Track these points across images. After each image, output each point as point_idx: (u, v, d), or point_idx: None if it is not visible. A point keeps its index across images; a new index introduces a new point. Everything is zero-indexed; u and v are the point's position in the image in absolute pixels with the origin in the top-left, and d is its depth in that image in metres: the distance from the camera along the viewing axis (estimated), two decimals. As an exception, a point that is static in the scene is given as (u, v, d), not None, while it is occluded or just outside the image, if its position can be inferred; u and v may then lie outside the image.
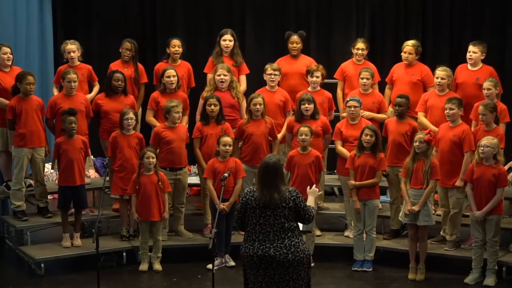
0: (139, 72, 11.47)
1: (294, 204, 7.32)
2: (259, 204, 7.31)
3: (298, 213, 7.36)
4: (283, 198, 7.28)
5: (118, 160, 10.51)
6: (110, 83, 10.90)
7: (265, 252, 7.25)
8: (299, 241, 7.35)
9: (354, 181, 10.12)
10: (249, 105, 10.65)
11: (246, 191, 7.49)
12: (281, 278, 7.30)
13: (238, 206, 7.54)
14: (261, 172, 7.44)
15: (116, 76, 10.90)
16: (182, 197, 10.74)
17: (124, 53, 11.41)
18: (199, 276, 9.99)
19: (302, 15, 14.00)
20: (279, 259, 7.23)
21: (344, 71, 11.59)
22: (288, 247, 7.26)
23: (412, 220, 9.79)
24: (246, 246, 7.37)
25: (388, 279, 9.99)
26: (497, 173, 9.45)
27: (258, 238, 7.31)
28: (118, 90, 10.92)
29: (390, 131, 10.54)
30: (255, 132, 10.62)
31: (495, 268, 9.66)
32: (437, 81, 10.68)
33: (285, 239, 7.28)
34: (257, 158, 10.52)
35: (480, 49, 10.94)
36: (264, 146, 10.65)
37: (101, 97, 11.01)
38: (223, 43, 11.45)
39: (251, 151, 10.66)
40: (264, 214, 7.30)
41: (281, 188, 7.33)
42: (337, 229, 11.28)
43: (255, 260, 7.30)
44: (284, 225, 7.29)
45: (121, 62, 11.46)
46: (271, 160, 7.48)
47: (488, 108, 9.98)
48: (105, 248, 10.15)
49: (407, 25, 13.75)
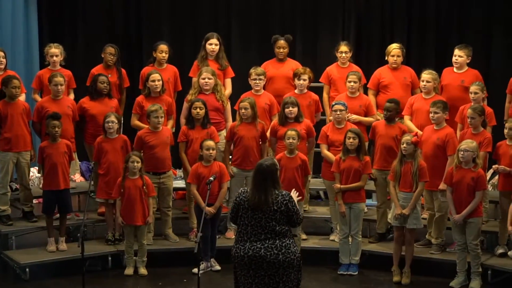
0: (122, 76, 11.44)
1: (287, 208, 7.35)
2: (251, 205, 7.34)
3: (290, 217, 7.39)
4: (272, 201, 7.30)
5: (103, 164, 10.48)
6: (95, 86, 10.87)
7: (256, 252, 7.28)
8: (290, 243, 7.38)
9: (339, 185, 10.12)
10: (239, 108, 10.66)
11: (240, 191, 7.54)
12: (271, 279, 7.33)
13: (232, 205, 7.59)
14: (255, 174, 7.47)
15: (101, 79, 10.88)
16: (168, 201, 10.72)
17: (108, 58, 11.38)
18: (184, 280, 9.97)
19: (288, 19, 14.01)
20: (270, 259, 7.26)
21: (330, 75, 11.59)
22: (279, 248, 7.29)
23: (401, 223, 9.80)
24: (237, 247, 7.40)
25: (373, 283, 10.00)
26: (475, 176, 9.46)
27: (249, 239, 7.34)
28: (104, 93, 10.90)
29: (379, 135, 10.53)
30: (246, 135, 10.61)
31: (479, 271, 9.67)
32: (423, 84, 10.70)
33: (276, 240, 7.31)
34: (248, 161, 10.54)
35: (466, 52, 10.98)
36: (255, 149, 10.65)
37: (86, 101, 10.97)
38: (209, 47, 11.44)
39: (242, 154, 10.65)
40: (256, 216, 7.34)
41: (271, 192, 7.35)
42: (322, 232, 11.28)
43: (246, 261, 7.32)
44: (275, 228, 7.32)
45: (102, 67, 11.43)
46: (265, 163, 7.51)
47: (476, 111, 10.00)
48: (91, 252, 10.13)
49: (393, 29, 13.77)
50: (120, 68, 11.48)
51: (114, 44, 11.64)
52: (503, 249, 10.14)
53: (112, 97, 11.04)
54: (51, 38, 13.01)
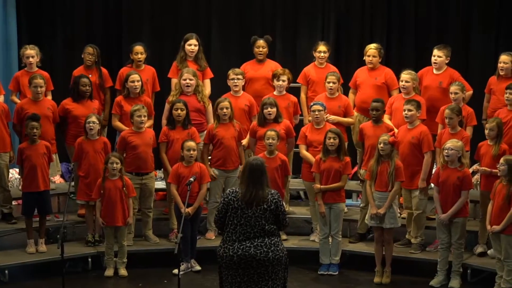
0: (103, 76, 11.41)
1: (276, 207, 7.44)
2: (242, 203, 7.37)
3: (277, 216, 7.47)
4: (266, 197, 7.37)
5: (84, 165, 10.46)
6: (77, 88, 10.84)
7: (246, 251, 7.33)
8: (278, 240, 7.47)
9: (319, 185, 10.13)
10: (217, 109, 10.64)
11: (228, 192, 7.55)
12: (260, 277, 7.38)
13: (219, 207, 7.57)
14: (248, 171, 7.51)
15: (83, 81, 10.84)
16: (149, 202, 10.71)
17: (87, 58, 11.35)
18: (165, 281, 9.96)
19: (267, 19, 13.99)
20: (260, 257, 7.32)
21: (307, 75, 11.59)
22: (268, 245, 7.36)
23: (378, 223, 9.83)
24: (225, 247, 7.42)
25: (354, 283, 10.03)
26: (461, 176, 9.52)
27: (238, 239, 7.37)
28: (86, 95, 10.87)
29: (367, 136, 10.53)
30: (226, 136, 10.61)
31: (460, 270, 9.73)
32: (402, 85, 10.73)
33: (265, 238, 7.38)
34: (230, 162, 10.57)
35: (445, 53, 11.02)
36: (235, 149, 10.66)
37: (69, 102, 10.92)
38: (188, 47, 11.43)
39: (223, 155, 10.66)
40: (246, 215, 7.37)
41: (265, 187, 7.44)
42: (303, 233, 11.29)
43: (235, 260, 7.35)
44: (264, 227, 7.39)
45: (83, 68, 11.39)
46: (256, 161, 7.60)
47: (454, 111, 10.05)
48: (70, 254, 10.11)
49: (372, 29, 13.79)
50: (101, 67, 11.44)
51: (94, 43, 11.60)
52: (483, 248, 10.19)
53: (94, 99, 11.01)
54: (30, 39, 12.92)
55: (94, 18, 14.03)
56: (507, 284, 9.21)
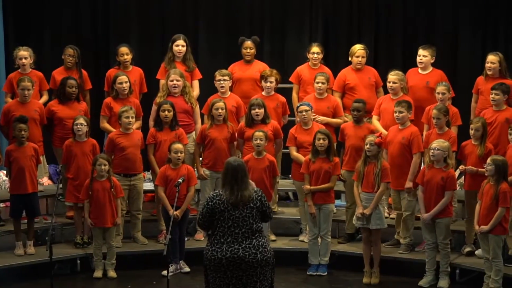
0: (83, 78, 11.38)
1: (261, 204, 7.48)
2: (228, 205, 7.38)
3: (263, 213, 7.51)
4: (251, 196, 7.40)
5: (73, 167, 10.44)
6: (64, 90, 10.83)
7: (234, 253, 7.34)
8: (265, 241, 7.49)
9: (309, 186, 10.14)
10: (211, 110, 10.62)
11: (212, 195, 7.55)
12: (248, 279, 7.40)
13: (203, 209, 7.56)
14: (229, 173, 7.53)
15: (70, 82, 10.83)
16: (137, 204, 10.69)
17: (67, 59, 11.33)
18: (154, 282, 9.94)
19: (255, 20, 14.00)
20: (248, 259, 7.34)
21: (300, 75, 11.60)
22: (256, 247, 7.38)
23: (364, 224, 9.84)
24: (213, 249, 7.42)
25: (343, 283, 10.03)
26: (445, 176, 9.54)
27: (226, 241, 7.38)
28: (72, 97, 10.86)
29: (348, 136, 10.56)
30: (218, 137, 10.60)
31: (448, 270, 9.75)
32: (389, 85, 10.75)
33: (253, 239, 7.40)
34: (220, 163, 10.50)
35: (430, 52, 11.06)
36: (226, 151, 10.64)
37: (55, 104, 10.92)
38: (175, 48, 11.42)
39: (214, 156, 10.65)
40: (233, 217, 7.39)
41: (249, 187, 7.47)
42: (292, 233, 11.29)
43: (224, 263, 7.36)
44: (252, 226, 7.41)
45: (64, 69, 11.37)
46: (237, 161, 7.63)
47: (442, 112, 10.09)
48: (59, 255, 10.07)
49: (360, 30, 13.81)
50: (81, 69, 11.41)
51: (81, 45, 11.59)
52: (470, 248, 10.22)
53: (81, 101, 10.99)
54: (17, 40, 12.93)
55: (81, 19, 13.99)
56: (496, 284, 9.24)
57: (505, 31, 13.37)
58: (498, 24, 13.44)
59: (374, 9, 13.84)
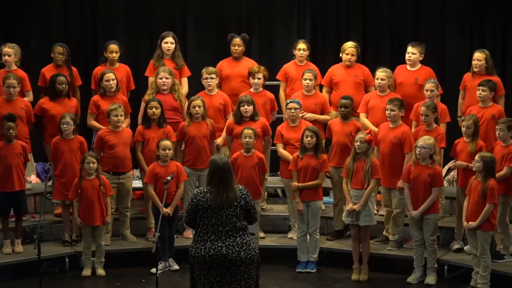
0: (73, 75, 11.35)
1: (245, 203, 7.47)
2: (213, 204, 7.37)
3: (248, 212, 7.50)
4: (236, 196, 7.39)
5: (60, 165, 10.42)
6: (54, 87, 10.81)
7: (217, 251, 7.33)
8: (250, 239, 7.48)
9: (297, 183, 10.15)
10: (189, 107, 10.62)
11: (196, 192, 7.53)
12: (232, 277, 7.40)
13: (188, 207, 7.56)
14: (216, 173, 7.50)
15: (59, 79, 10.82)
16: (126, 202, 10.69)
17: (57, 57, 11.30)
18: (143, 280, 9.94)
19: (244, 17, 13.99)
20: (232, 257, 7.33)
21: (287, 72, 11.62)
22: (240, 245, 7.37)
23: (354, 220, 9.86)
24: (197, 247, 7.42)
25: (332, 280, 10.05)
26: (432, 173, 9.57)
27: (210, 238, 7.38)
28: (63, 94, 10.85)
29: (335, 132, 10.59)
30: (197, 134, 10.59)
31: (435, 266, 9.79)
32: (377, 82, 10.78)
33: (236, 237, 7.39)
34: (200, 161, 10.54)
35: (419, 50, 11.09)
36: (206, 148, 10.63)
37: (46, 101, 10.91)
38: (164, 45, 11.41)
39: (194, 154, 10.63)
40: (216, 215, 7.38)
41: (234, 187, 7.46)
42: (280, 231, 11.31)
43: (207, 260, 7.36)
44: (236, 224, 7.40)
45: (53, 67, 11.34)
46: (222, 161, 7.58)
47: (430, 108, 10.12)
48: (47, 254, 10.04)
49: (348, 27, 13.81)
50: (71, 66, 11.39)
51: (70, 43, 11.57)
52: (459, 244, 10.26)
53: (71, 97, 10.97)
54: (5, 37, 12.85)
55: (70, 17, 13.93)
56: (483, 280, 9.28)
57: (491, 29, 13.39)
58: (484, 21, 13.46)
59: (362, 7, 13.83)
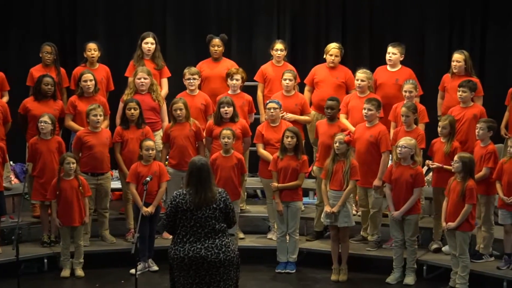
0: (61, 76, 11.31)
1: (224, 205, 7.46)
2: (191, 205, 7.37)
3: (227, 215, 7.49)
4: (215, 197, 7.39)
5: (38, 165, 10.38)
6: (39, 88, 10.76)
7: (196, 253, 7.33)
8: (229, 241, 7.48)
9: (277, 183, 10.15)
10: (171, 110, 10.61)
11: (175, 194, 7.53)
12: (211, 278, 7.40)
13: (167, 210, 7.56)
14: (194, 173, 7.51)
15: (45, 80, 10.78)
16: (105, 202, 10.66)
17: (45, 57, 11.26)
18: (122, 281, 9.92)
19: (223, 18, 13.96)
20: (211, 259, 7.33)
21: (264, 73, 11.62)
22: (219, 247, 7.36)
23: (332, 221, 9.87)
24: (176, 248, 7.42)
25: (311, 280, 10.06)
26: (414, 173, 9.61)
27: (189, 240, 7.37)
28: (48, 95, 10.81)
29: (321, 133, 10.60)
30: (179, 135, 10.59)
31: (414, 266, 9.83)
32: (357, 83, 10.80)
33: (216, 239, 7.39)
34: (184, 162, 10.52)
35: (399, 50, 11.13)
36: (190, 149, 10.63)
37: (30, 101, 10.87)
38: (144, 46, 11.39)
39: (178, 155, 10.64)
40: (196, 216, 7.38)
41: (213, 188, 7.46)
42: (260, 231, 11.32)
43: (186, 262, 7.36)
44: (215, 227, 7.40)
45: (42, 67, 11.30)
46: (200, 161, 7.58)
47: (411, 109, 10.16)
48: (26, 255, 10.02)
49: (328, 28, 13.82)
50: (59, 67, 11.35)
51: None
52: (438, 244, 10.30)
53: (57, 99, 10.92)
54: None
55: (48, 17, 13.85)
56: (462, 280, 9.32)
57: (470, 30, 13.45)
58: (463, 22, 13.53)
59: (342, 8, 13.85)
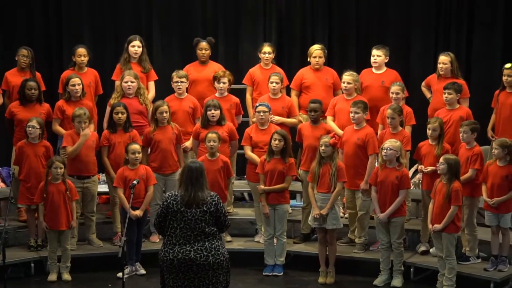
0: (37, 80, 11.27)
1: (216, 209, 7.47)
2: (182, 206, 7.38)
3: (218, 218, 7.50)
4: (205, 199, 7.40)
5: (25, 169, 10.36)
6: (23, 92, 10.74)
7: (186, 255, 7.35)
8: (219, 244, 7.49)
9: (263, 186, 10.16)
10: (155, 113, 10.59)
11: (167, 195, 7.55)
12: (201, 281, 7.41)
13: (158, 211, 7.57)
14: (187, 173, 7.53)
15: (29, 84, 10.76)
16: (91, 206, 10.63)
17: (21, 60, 11.23)
18: (109, 285, 9.89)
19: (210, 21, 13.96)
20: (200, 261, 7.34)
21: (253, 76, 11.62)
22: (208, 249, 7.38)
23: (320, 224, 9.88)
24: (165, 250, 7.44)
25: (298, 283, 10.07)
26: (400, 175, 9.63)
27: (178, 242, 7.39)
28: (32, 99, 10.78)
29: (305, 136, 10.60)
30: (163, 139, 10.58)
31: (402, 269, 9.84)
32: (344, 86, 10.81)
33: (205, 242, 7.40)
34: (167, 165, 10.53)
35: (384, 52, 11.16)
36: (172, 153, 10.62)
37: (16, 105, 10.84)
38: (131, 49, 11.37)
39: (160, 159, 10.61)
40: (186, 218, 7.39)
41: (205, 189, 7.47)
42: (247, 234, 11.33)
43: (175, 264, 7.37)
44: (204, 230, 7.41)
45: (17, 70, 11.27)
46: (196, 163, 7.63)
47: (396, 111, 10.17)
48: (12, 259, 9.99)
49: (314, 30, 13.85)
50: (35, 71, 11.31)
51: (34, 46, 11.49)
52: (425, 246, 10.31)
53: (43, 103, 10.89)
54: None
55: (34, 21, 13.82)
56: (449, 282, 9.35)
57: (456, 31, 13.50)
58: (449, 24, 13.57)
59: (328, 10, 13.88)
